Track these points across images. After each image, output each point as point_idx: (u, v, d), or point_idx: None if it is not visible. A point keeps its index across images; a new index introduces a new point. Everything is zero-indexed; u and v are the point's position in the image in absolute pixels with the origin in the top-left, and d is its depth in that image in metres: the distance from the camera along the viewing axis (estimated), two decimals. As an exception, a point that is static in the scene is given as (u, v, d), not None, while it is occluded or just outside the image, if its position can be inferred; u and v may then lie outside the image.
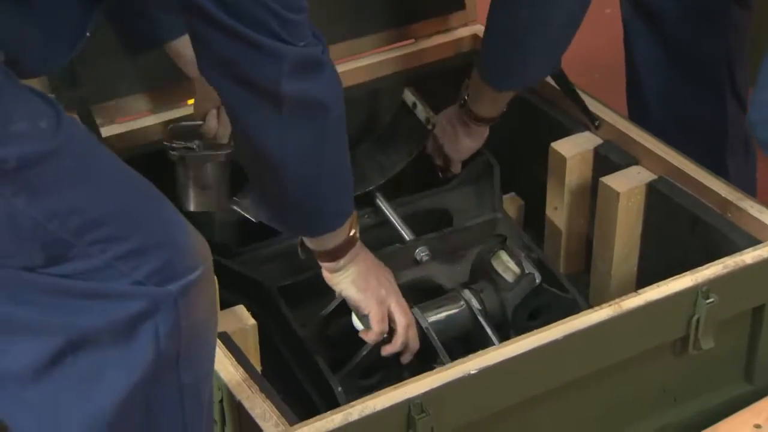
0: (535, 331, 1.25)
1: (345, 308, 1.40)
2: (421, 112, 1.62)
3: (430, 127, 1.61)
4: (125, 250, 1.00)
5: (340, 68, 1.70)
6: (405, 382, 1.19)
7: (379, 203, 1.60)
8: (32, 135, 0.96)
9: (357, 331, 1.38)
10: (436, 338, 1.37)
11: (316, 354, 1.37)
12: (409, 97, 1.64)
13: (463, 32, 1.79)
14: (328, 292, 1.43)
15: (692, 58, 1.71)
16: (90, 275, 1.00)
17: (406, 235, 1.55)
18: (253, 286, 1.40)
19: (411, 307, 1.41)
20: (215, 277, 1.09)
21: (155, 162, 1.41)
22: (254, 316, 1.35)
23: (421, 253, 1.52)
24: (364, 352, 1.36)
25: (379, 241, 1.53)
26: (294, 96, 1.14)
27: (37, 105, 0.99)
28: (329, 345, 1.41)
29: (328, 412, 1.15)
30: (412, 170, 1.66)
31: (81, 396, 1.02)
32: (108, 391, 1.02)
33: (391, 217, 1.58)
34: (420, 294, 1.46)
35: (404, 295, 1.43)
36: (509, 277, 1.46)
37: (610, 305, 1.28)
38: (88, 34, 1.13)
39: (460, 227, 1.56)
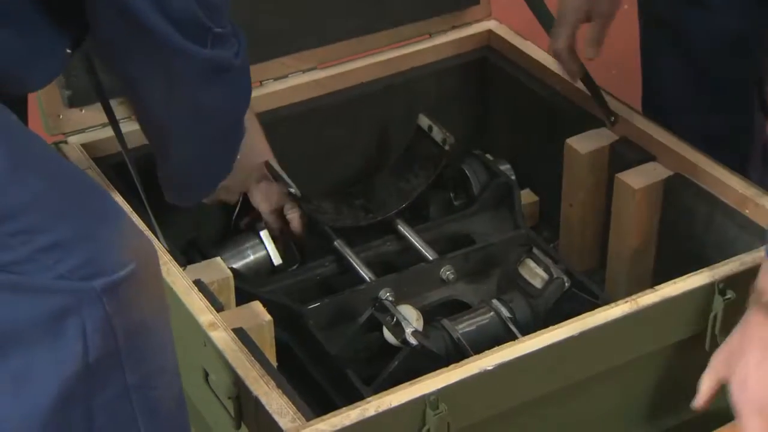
0: (550, 327, 1.25)
1: (374, 324, 1.41)
2: (438, 133, 1.63)
3: (447, 147, 1.62)
4: (48, 242, 0.97)
5: (356, 64, 1.72)
6: (421, 378, 1.19)
7: (401, 228, 1.60)
8: None
9: (387, 346, 1.39)
10: (468, 348, 1.37)
11: (348, 369, 1.37)
12: (423, 121, 1.66)
13: (478, 28, 1.79)
14: (353, 312, 1.44)
15: (720, 77, 1.67)
16: (11, 268, 0.97)
17: (430, 256, 1.55)
18: (280, 310, 1.40)
19: (440, 320, 1.42)
20: (159, 273, 1.07)
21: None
22: (280, 340, 1.35)
23: (447, 272, 1.52)
24: (396, 363, 1.36)
25: (403, 266, 1.53)
26: (201, 98, 1.18)
27: None
28: (360, 361, 1.42)
29: (344, 407, 1.16)
30: (431, 198, 1.66)
31: (14, 396, 1.00)
32: (40, 389, 1.00)
33: (414, 241, 1.58)
34: (450, 313, 1.46)
35: (434, 314, 1.44)
36: (538, 284, 1.46)
37: (626, 301, 1.27)
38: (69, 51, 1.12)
39: (484, 244, 1.56)
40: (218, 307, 1.29)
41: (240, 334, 1.25)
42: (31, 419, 1.00)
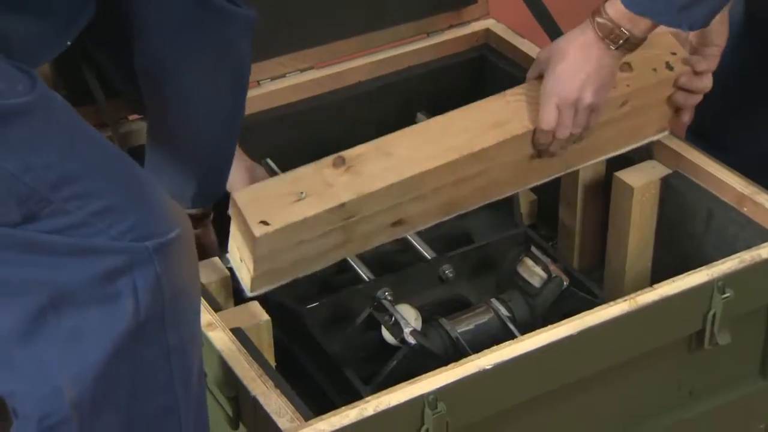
0: (549, 326, 1.25)
1: (372, 323, 1.40)
2: None
3: None
4: (101, 207, 1.02)
5: (354, 63, 1.72)
6: (419, 377, 1.18)
7: None
8: (7, 93, 1.00)
9: (386, 345, 1.38)
10: (467, 347, 1.37)
11: (346, 369, 1.37)
12: (421, 120, 1.65)
13: (476, 26, 1.79)
14: (352, 312, 1.44)
15: None
16: (67, 232, 1.01)
17: (429, 255, 1.55)
18: (278, 310, 1.40)
19: (438, 320, 1.41)
20: (194, 242, 1.10)
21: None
22: (279, 339, 1.35)
23: (445, 271, 1.52)
24: (395, 362, 1.36)
25: (402, 265, 1.53)
26: (243, 54, 1.30)
27: (13, 72, 1.02)
28: (359, 361, 1.41)
29: (343, 407, 1.15)
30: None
31: (66, 354, 1.03)
32: (92, 347, 1.03)
33: (412, 240, 1.57)
34: (449, 312, 1.46)
35: (434, 313, 1.44)
36: (536, 283, 1.46)
37: (625, 300, 1.27)
38: (69, 43, 1.18)
39: (483, 243, 1.55)
40: (216, 307, 1.29)
41: (238, 334, 1.25)
42: (84, 375, 1.03)
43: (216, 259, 1.40)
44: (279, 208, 1.28)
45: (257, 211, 1.28)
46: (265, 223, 1.27)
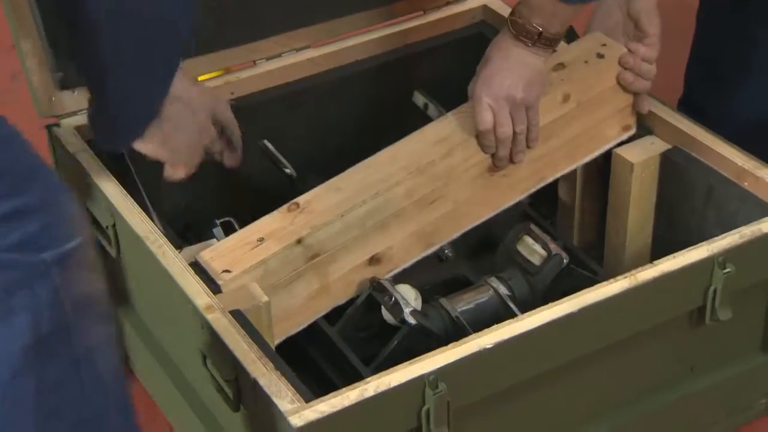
0: (549, 304, 1.24)
1: (372, 304, 1.40)
2: (434, 111, 1.61)
3: None
4: (5, 210, 0.98)
5: (350, 41, 1.71)
6: (420, 357, 1.18)
7: None
8: None
9: (386, 326, 1.38)
10: (467, 327, 1.37)
11: (346, 350, 1.37)
12: (419, 99, 1.64)
13: (473, 3, 1.77)
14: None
15: None
16: None
17: None
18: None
19: (438, 299, 1.41)
20: (93, 251, 1.09)
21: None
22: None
23: (445, 250, 1.51)
24: (395, 342, 1.36)
25: None
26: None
27: None
28: (359, 341, 1.41)
29: (344, 388, 1.15)
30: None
31: None
32: None
33: None
34: (449, 291, 1.46)
35: (434, 293, 1.44)
36: (536, 261, 1.46)
37: (625, 277, 1.27)
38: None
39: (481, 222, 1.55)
40: (215, 290, 1.29)
41: (237, 316, 1.24)
42: None
43: (214, 240, 1.40)
44: (239, 256, 1.33)
45: (220, 264, 1.32)
46: (227, 271, 1.31)
